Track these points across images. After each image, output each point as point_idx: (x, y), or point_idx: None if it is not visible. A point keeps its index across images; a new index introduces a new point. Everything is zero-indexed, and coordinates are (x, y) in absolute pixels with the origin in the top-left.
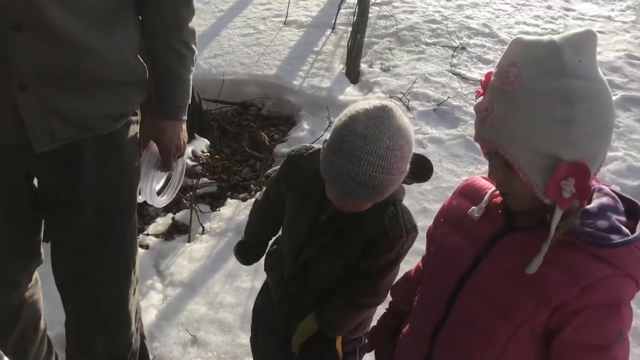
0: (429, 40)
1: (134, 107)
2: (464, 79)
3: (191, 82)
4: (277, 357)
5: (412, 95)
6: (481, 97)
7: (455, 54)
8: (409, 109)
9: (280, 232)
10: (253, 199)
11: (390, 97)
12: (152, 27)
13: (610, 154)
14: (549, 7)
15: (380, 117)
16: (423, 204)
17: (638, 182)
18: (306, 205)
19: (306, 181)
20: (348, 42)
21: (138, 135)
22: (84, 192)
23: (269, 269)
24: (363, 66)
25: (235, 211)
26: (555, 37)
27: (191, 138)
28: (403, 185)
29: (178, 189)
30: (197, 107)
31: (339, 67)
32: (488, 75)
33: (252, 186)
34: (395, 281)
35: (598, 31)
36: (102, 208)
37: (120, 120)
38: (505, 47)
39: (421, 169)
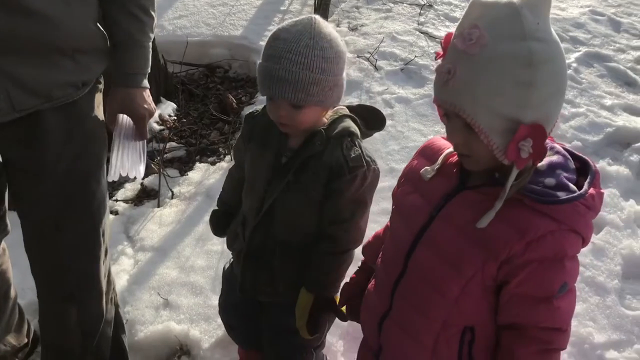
0: None
1: (96, 75)
2: (431, 37)
3: (151, 50)
4: (245, 326)
5: (379, 55)
6: (441, 59)
7: (422, 11)
8: (376, 68)
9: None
10: (222, 163)
11: (358, 56)
12: None
13: (572, 109)
14: None
15: (303, 24)
16: (390, 164)
17: (599, 137)
18: (264, 153)
19: (261, 129)
20: (315, 0)
21: (102, 104)
22: (49, 162)
23: (231, 240)
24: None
25: (204, 175)
26: None
27: (157, 102)
28: (364, 134)
29: (146, 152)
30: (163, 70)
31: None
32: (448, 36)
33: (220, 149)
34: (364, 234)
35: None
36: (68, 177)
37: (83, 88)
38: None
39: (373, 117)
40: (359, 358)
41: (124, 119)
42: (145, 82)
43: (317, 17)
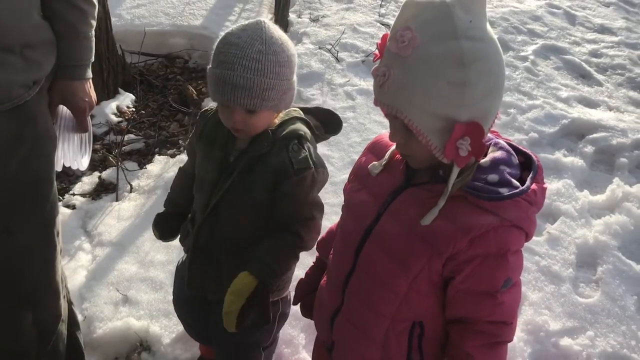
0: None
1: (47, 71)
2: None
3: (94, 39)
4: (199, 322)
5: (340, 47)
6: (378, 61)
7: (383, 3)
8: (338, 60)
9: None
10: (182, 155)
11: (320, 48)
12: None
13: (529, 101)
14: None
15: (253, 28)
16: (352, 155)
17: (555, 128)
18: (213, 150)
19: (211, 127)
20: None
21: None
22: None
23: (183, 237)
24: (292, 16)
25: (164, 168)
26: None
27: (115, 93)
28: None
29: (91, 143)
30: (120, 60)
31: (267, 17)
32: (384, 37)
33: (180, 142)
34: (320, 235)
35: None
36: (19, 179)
37: (34, 87)
38: None
39: (331, 121)
40: (314, 353)
41: (65, 110)
42: (88, 73)
43: (265, 20)
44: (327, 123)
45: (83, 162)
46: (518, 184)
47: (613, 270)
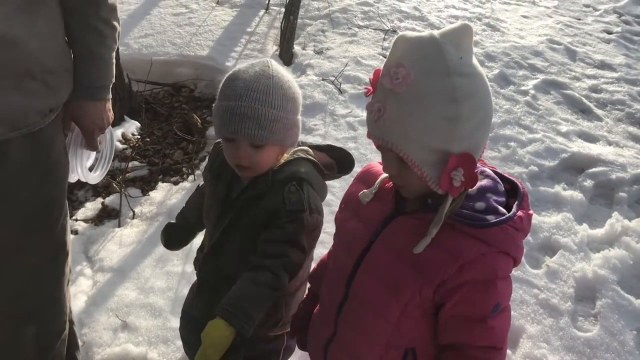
0: (361, 23)
1: (64, 98)
2: None
3: (113, 60)
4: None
5: (344, 79)
6: (371, 95)
7: (386, 37)
8: (341, 92)
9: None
10: (185, 183)
11: (323, 79)
12: (68, 4)
13: (529, 135)
14: None
15: (259, 66)
16: None
17: (555, 162)
18: (218, 186)
19: (219, 163)
20: (281, 23)
21: None
22: (12, 188)
23: (195, 262)
24: (296, 48)
25: (167, 195)
26: (436, 33)
27: (121, 120)
28: (321, 177)
29: (110, 161)
30: (127, 88)
31: (272, 48)
32: (376, 73)
33: (184, 169)
34: (311, 269)
35: (522, 16)
36: (31, 203)
37: (50, 115)
38: (436, 29)
39: (345, 162)
40: None
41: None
42: (101, 94)
43: (272, 60)
44: (340, 161)
45: (92, 177)
46: (505, 211)
47: (612, 304)
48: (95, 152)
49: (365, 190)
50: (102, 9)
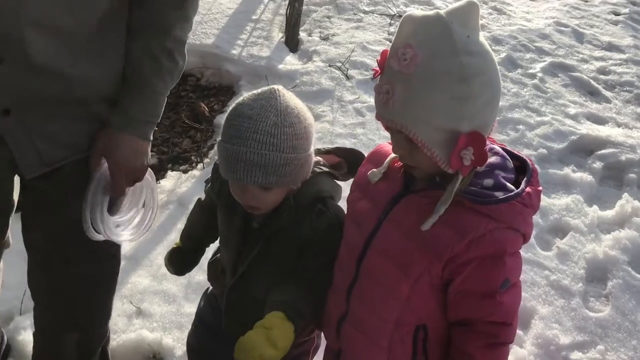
0: (366, 9)
1: None
2: None
3: (165, 98)
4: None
5: (350, 64)
6: (379, 77)
7: (392, 21)
8: (347, 77)
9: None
10: (194, 171)
11: (330, 65)
12: (133, 24)
13: (537, 118)
14: None
15: (266, 97)
16: None
17: (564, 144)
18: (233, 216)
19: (228, 193)
20: (286, 10)
21: None
22: (66, 200)
23: (212, 279)
24: (302, 35)
25: (177, 183)
26: (442, 12)
27: None
28: (337, 182)
29: (151, 220)
30: None
31: (278, 35)
32: (384, 54)
33: (192, 158)
34: None
35: None
36: (78, 221)
37: None
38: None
39: (357, 162)
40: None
41: (105, 165)
42: (147, 131)
43: (280, 87)
44: (352, 162)
45: (122, 234)
46: (513, 187)
47: (623, 284)
48: (129, 204)
49: (374, 170)
50: (169, 39)
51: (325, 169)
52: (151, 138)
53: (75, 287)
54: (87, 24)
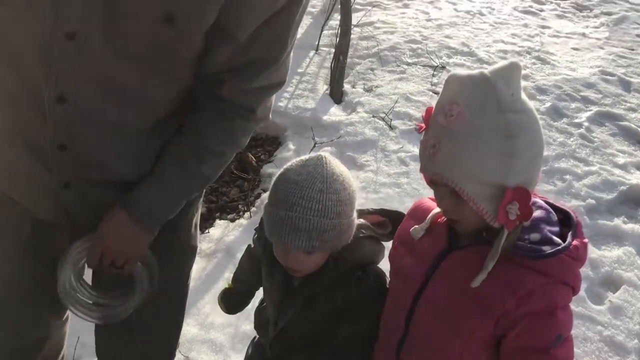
0: (409, 60)
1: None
2: None
3: (182, 203)
4: None
5: (394, 115)
6: (424, 132)
7: (435, 73)
8: (391, 128)
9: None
10: (242, 220)
11: (373, 116)
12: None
13: (585, 168)
14: (526, 25)
15: (313, 164)
16: None
17: (613, 195)
18: (274, 275)
19: (270, 251)
20: (331, 63)
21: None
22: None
23: (258, 327)
24: (346, 86)
25: (224, 232)
26: (487, 72)
27: None
28: (380, 244)
29: (125, 310)
30: None
31: (323, 87)
32: (428, 110)
33: (240, 207)
34: None
35: (573, 48)
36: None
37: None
38: (485, 65)
39: (398, 221)
40: None
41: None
42: (152, 226)
43: (327, 155)
44: (396, 222)
45: (90, 314)
46: (559, 240)
47: None
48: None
49: (417, 227)
50: (212, 140)
51: (367, 232)
52: (154, 232)
53: (140, 354)
54: (146, 125)
